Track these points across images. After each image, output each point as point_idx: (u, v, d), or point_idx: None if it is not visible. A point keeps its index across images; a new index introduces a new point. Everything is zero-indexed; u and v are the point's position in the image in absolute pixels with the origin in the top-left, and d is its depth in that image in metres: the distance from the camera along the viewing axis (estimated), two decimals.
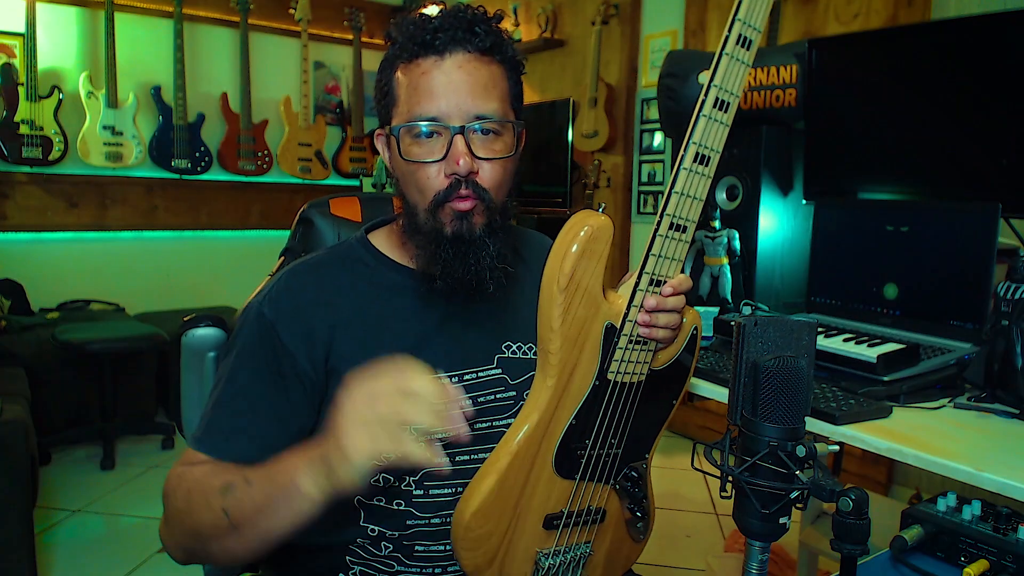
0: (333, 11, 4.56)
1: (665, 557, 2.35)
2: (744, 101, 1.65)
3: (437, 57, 0.86)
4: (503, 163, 0.89)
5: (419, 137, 0.87)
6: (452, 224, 0.88)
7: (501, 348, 0.99)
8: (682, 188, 0.84)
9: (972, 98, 1.36)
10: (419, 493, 0.92)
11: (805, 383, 0.71)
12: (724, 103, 0.83)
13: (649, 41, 3.70)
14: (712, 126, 0.83)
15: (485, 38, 0.87)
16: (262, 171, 4.30)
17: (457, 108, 0.86)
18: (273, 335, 0.88)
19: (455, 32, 0.86)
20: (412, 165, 0.88)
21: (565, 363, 0.86)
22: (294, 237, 1.22)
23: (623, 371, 0.89)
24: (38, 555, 1.99)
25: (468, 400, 0.73)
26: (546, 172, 4.02)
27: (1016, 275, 1.10)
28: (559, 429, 0.88)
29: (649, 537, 1.03)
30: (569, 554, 0.94)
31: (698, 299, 1.60)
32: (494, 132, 0.88)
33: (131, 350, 3.12)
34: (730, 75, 0.82)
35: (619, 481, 0.96)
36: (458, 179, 0.86)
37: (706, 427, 3.46)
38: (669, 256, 0.86)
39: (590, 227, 0.83)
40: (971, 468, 0.87)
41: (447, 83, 0.86)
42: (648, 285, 0.86)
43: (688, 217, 0.85)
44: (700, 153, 0.83)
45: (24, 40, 3.47)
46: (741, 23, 0.81)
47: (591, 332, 0.86)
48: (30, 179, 3.66)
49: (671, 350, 0.95)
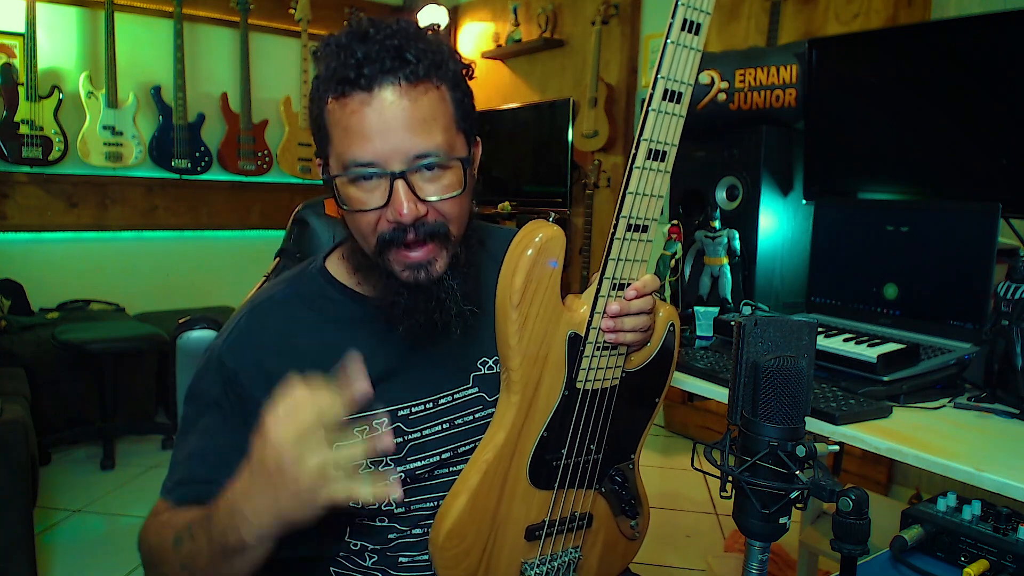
0: (333, 11, 4.56)
1: (665, 557, 2.35)
2: (744, 101, 1.65)
3: (366, 94, 0.77)
4: (454, 200, 0.82)
5: (357, 181, 0.80)
6: (405, 274, 0.82)
7: (476, 365, 0.96)
8: (636, 188, 0.80)
9: (972, 98, 1.36)
10: (400, 511, 0.90)
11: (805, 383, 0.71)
12: (675, 93, 0.78)
13: (649, 41, 3.70)
14: (663, 119, 0.79)
15: (418, 65, 0.78)
16: (262, 171, 4.30)
17: (394, 150, 0.77)
18: (236, 385, 0.86)
19: (383, 62, 0.76)
20: (353, 214, 0.82)
21: (528, 379, 0.83)
22: (289, 238, 1.21)
23: (593, 379, 0.86)
24: (38, 555, 1.99)
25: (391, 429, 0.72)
26: (546, 172, 4.02)
27: (1016, 275, 1.10)
28: (530, 443, 0.86)
29: (645, 534, 1.02)
30: (556, 561, 0.92)
31: (698, 299, 1.60)
32: (440, 169, 0.80)
33: (131, 350, 3.12)
34: (678, 63, 0.77)
35: (604, 485, 0.94)
36: (403, 225, 0.80)
37: (706, 427, 3.46)
38: (630, 258, 0.83)
39: (539, 239, 0.79)
40: (971, 468, 0.87)
41: (380, 123, 0.77)
42: (611, 290, 0.83)
43: (647, 216, 0.82)
44: (653, 149, 0.79)
45: (24, 40, 3.46)
46: (684, 7, 0.76)
47: (553, 344, 0.83)
48: (30, 179, 3.66)
49: (646, 350, 0.92)
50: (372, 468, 0.87)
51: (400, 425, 0.89)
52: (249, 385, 0.85)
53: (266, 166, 4.30)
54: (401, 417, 0.89)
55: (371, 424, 0.86)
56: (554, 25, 4.13)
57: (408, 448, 0.89)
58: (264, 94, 4.32)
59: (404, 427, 0.89)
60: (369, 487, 0.67)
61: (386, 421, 0.87)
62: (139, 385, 3.33)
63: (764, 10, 3.03)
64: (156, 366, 3.40)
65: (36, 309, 3.58)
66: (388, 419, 0.87)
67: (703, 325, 1.49)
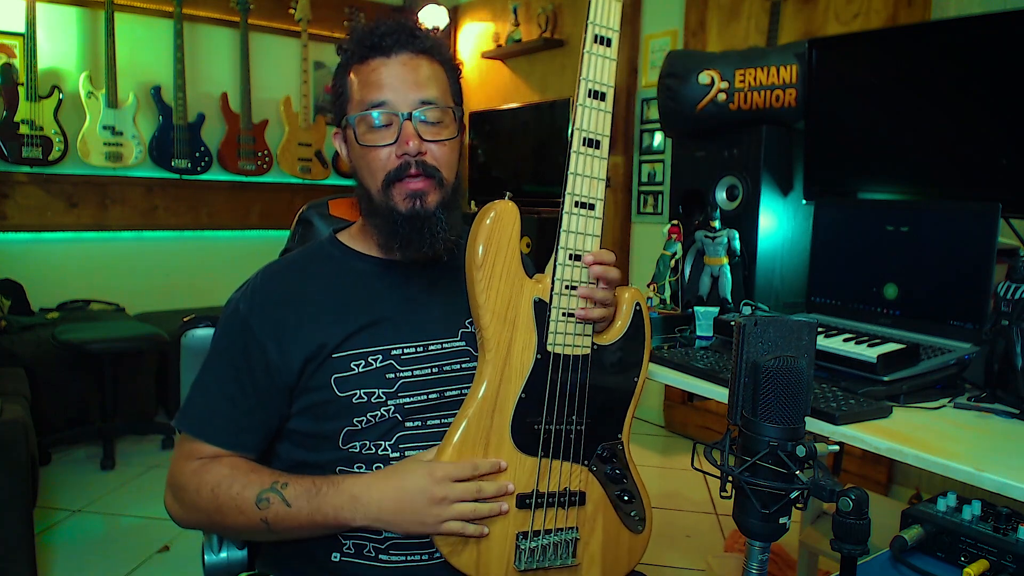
0: (333, 11, 4.56)
1: (665, 557, 2.35)
2: (744, 101, 1.65)
3: (384, 56, 0.98)
4: (449, 144, 1.00)
5: (373, 126, 0.98)
6: (406, 203, 0.98)
7: (464, 323, 1.05)
8: (576, 169, 0.93)
9: (972, 98, 1.36)
10: (396, 456, 0.97)
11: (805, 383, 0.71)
12: (599, 93, 0.94)
13: (649, 41, 3.70)
14: (591, 113, 0.93)
15: (424, 40, 1.00)
16: (262, 171, 4.30)
17: (404, 96, 0.97)
18: (247, 327, 0.98)
19: (399, 36, 0.98)
20: (366, 149, 0.98)
21: (499, 337, 0.92)
22: (293, 237, 1.22)
23: (563, 343, 0.94)
24: (38, 555, 1.99)
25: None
26: (546, 172, 4.02)
27: (1016, 275, 1.10)
28: (510, 403, 0.93)
29: (650, 528, 1.02)
30: (552, 537, 0.95)
31: (698, 299, 1.60)
32: (438, 121, 0.99)
33: (131, 350, 3.13)
34: (596, 70, 0.93)
35: (593, 462, 0.98)
36: (408, 159, 0.96)
37: (706, 427, 3.46)
38: (581, 231, 0.94)
39: (496, 211, 0.92)
40: (971, 468, 0.87)
41: (394, 76, 0.98)
42: (567, 259, 0.93)
43: (591, 195, 0.94)
44: (586, 137, 0.93)
45: (24, 40, 3.47)
46: (593, 24, 0.93)
47: (520, 307, 0.93)
48: (30, 179, 3.66)
49: (616, 328, 0.99)
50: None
51: (392, 363, 0.99)
52: (257, 327, 0.98)
53: (266, 166, 4.31)
54: (394, 356, 1.00)
55: (367, 359, 0.98)
56: (554, 25, 4.13)
57: (399, 384, 0.99)
58: (264, 94, 4.32)
59: (396, 365, 0.99)
60: (473, 528, 0.89)
61: (380, 357, 0.99)
62: (139, 385, 3.33)
63: (764, 10, 3.03)
64: (156, 366, 3.40)
65: (36, 309, 3.59)
66: (382, 356, 0.99)
67: (703, 325, 1.49)
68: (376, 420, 0.96)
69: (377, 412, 0.96)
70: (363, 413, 0.96)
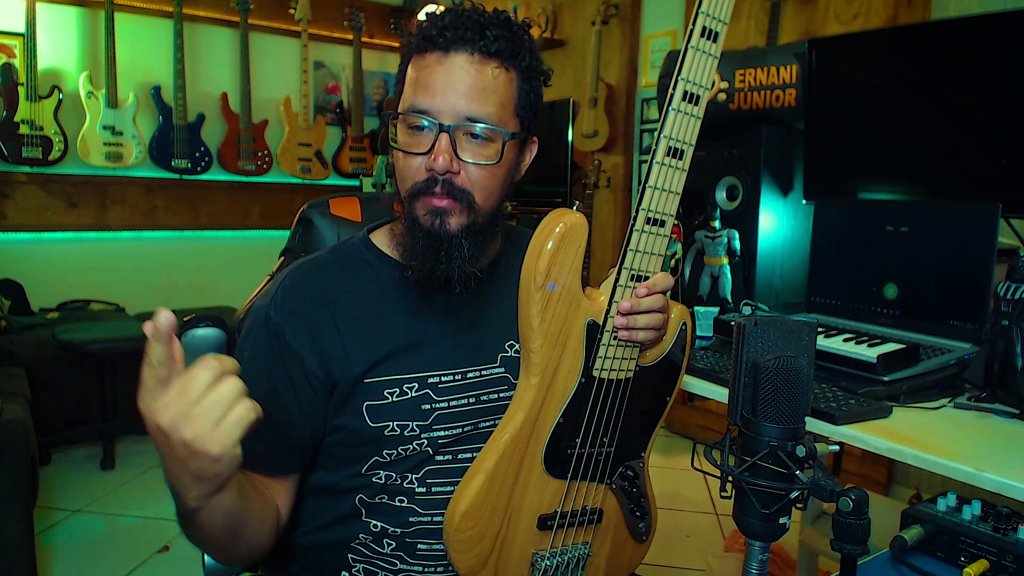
0: (333, 11, 4.56)
1: (665, 557, 2.35)
2: (744, 101, 1.65)
3: (442, 54, 0.86)
4: (489, 169, 0.88)
5: (412, 129, 0.88)
6: (426, 218, 0.88)
7: (504, 347, 0.99)
8: (655, 182, 0.84)
9: (972, 98, 1.36)
10: (422, 491, 0.92)
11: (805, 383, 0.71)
12: (693, 96, 0.84)
13: (649, 41, 3.70)
14: (682, 119, 0.84)
15: (493, 42, 0.86)
16: (262, 171, 4.30)
17: (451, 107, 0.85)
18: (281, 339, 0.89)
19: (463, 32, 0.85)
20: (400, 153, 0.89)
21: (548, 361, 0.86)
22: (294, 237, 1.22)
23: (609, 368, 0.89)
24: (38, 555, 1.99)
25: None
26: (546, 172, 4.02)
27: (1016, 275, 1.10)
28: (547, 428, 0.88)
29: (652, 538, 1.02)
30: (567, 555, 0.93)
31: (698, 299, 1.60)
32: (485, 138, 0.87)
33: (131, 350, 3.12)
34: (696, 68, 0.84)
35: (615, 480, 0.95)
36: (436, 176, 0.86)
37: (706, 427, 3.46)
38: (647, 251, 0.86)
39: (564, 224, 0.83)
40: (971, 468, 0.87)
41: (446, 81, 0.85)
42: (628, 280, 0.86)
43: (664, 211, 0.86)
44: (672, 147, 0.84)
45: (24, 40, 3.46)
46: (704, 15, 0.82)
47: (573, 329, 0.86)
48: (30, 179, 3.66)
49: (660, 347, 0.94)
50: (399, 433, 0.90)
51: (429, 392, 0.92)
52: (292, 338, 0.89)
53: (266, 166, 4.30)
54: (431, 384, 0.92)
55: (401, 387, 0.90)
56: (554, 25, 4.13)
57: (434, 416, 0.91)
58: (264, 94, 4.32)
59: (432, 395, 0.92)
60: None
61: (416, 386, 0.91)
62: (139, 385, 3.32)
63: (764, 10, 3.03)
64: None
65: (36, 309, 3.58)
66: (418, 385, 0.91)
67: (703, 325, 1.49)
68: (407, 454, 0.91)
69: (409, 446, 0.90)
70: (394, 447, 0.90)
